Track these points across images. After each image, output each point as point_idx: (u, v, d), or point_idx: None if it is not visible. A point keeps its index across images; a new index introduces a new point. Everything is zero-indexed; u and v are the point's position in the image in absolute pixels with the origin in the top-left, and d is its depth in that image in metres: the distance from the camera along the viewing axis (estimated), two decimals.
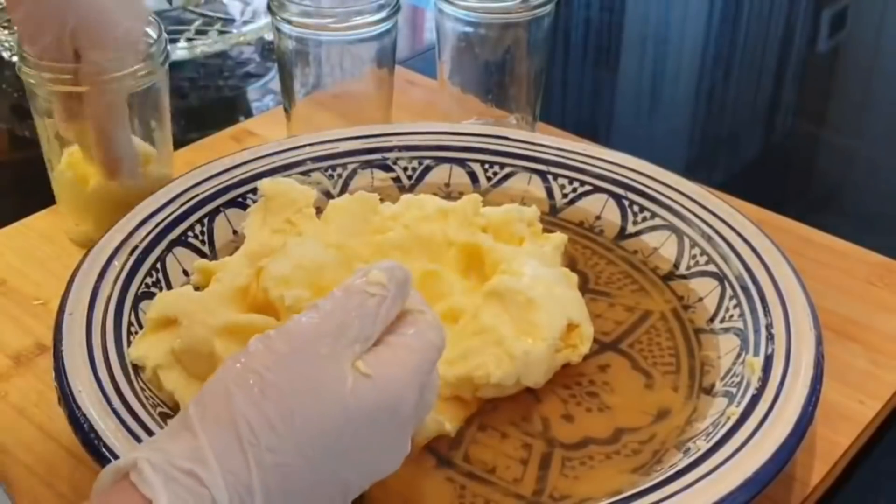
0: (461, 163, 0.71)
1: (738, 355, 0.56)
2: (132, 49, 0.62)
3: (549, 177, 0.70)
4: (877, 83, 1.04)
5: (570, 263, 0.65)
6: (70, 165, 0.67)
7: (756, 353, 0.55)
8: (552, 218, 0.69)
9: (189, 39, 0.94)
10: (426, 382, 0.43)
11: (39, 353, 0.62)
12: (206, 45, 0.91)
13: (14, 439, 0.55)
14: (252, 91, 0.91)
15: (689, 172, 0.80)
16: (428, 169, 0.71)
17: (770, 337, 0.56)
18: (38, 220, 0.73)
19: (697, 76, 1.06)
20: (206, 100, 0.69)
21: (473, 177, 0.71)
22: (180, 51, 0.91)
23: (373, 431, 0.41)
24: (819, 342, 0.55)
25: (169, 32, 0.95)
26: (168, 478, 0.38)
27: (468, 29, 0.75)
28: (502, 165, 0.71)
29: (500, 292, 0.56)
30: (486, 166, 0.71)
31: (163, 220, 0.63)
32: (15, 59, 0.64)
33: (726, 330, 0.59)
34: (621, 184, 0.69)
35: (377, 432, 0.41)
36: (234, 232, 0.65)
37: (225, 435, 0.39)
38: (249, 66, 0.94)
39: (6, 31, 0.93)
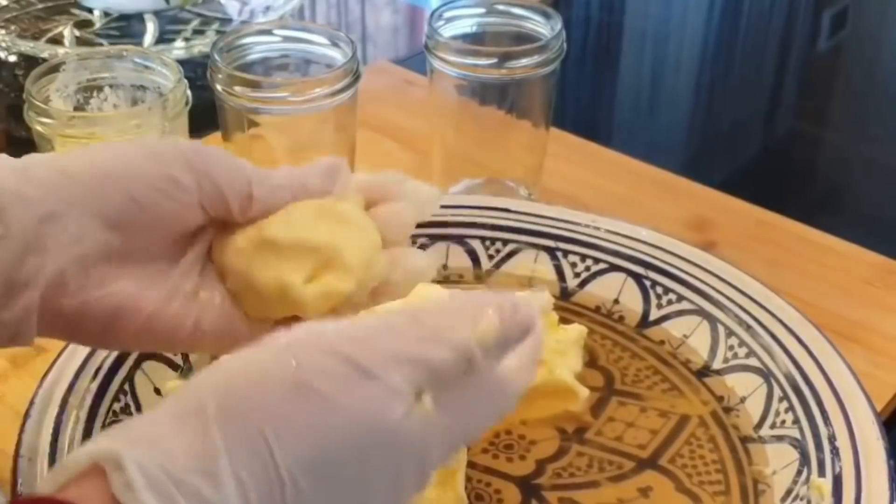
0: (459, 240, 0.65)
1: (799, 472, 0.51)
2: None
3: (559, 253, 0.64)
4: (877, 83, 1.04)
5: (592, 359, 0.59)
6: None
7: (822, 473, 0.50)
8: (564, 302, 0.62)
9: (186, 39, 0.94)
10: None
11: (37, 355, 0.61)
12: (204, 45, 0.91)
13: (11, 441, 0.55)
14: None
15: (689, 172, 0.80)
16: (422, 248, 0.64)
17: (835, 452, 0.51)
18: None
19: (697, 76, 1.05)
20: (203, 99, 0.69)
21: (473, 256, 0.65)
22: (177, 51, 0.91)
23: (402, 469, 0.35)
24: (889, 455, 0.50)
25: (166, 32, 0.96)
26: (165, 495, 0.30)
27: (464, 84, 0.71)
28: (505, 242, 0.65)
29: None
30: (488, 243, 0.65)
31: None
32: (13, 58, 0.63)
33: (779, 438, 0.54)
34: (640, 261, 0.63)
35: (405, 472, 0.35)
36: None
37: (247, 445, 0.31)
38: None
39: (4, 31, 0.93)
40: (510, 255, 0.65)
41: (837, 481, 0.49)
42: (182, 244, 0.44)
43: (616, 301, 0.63)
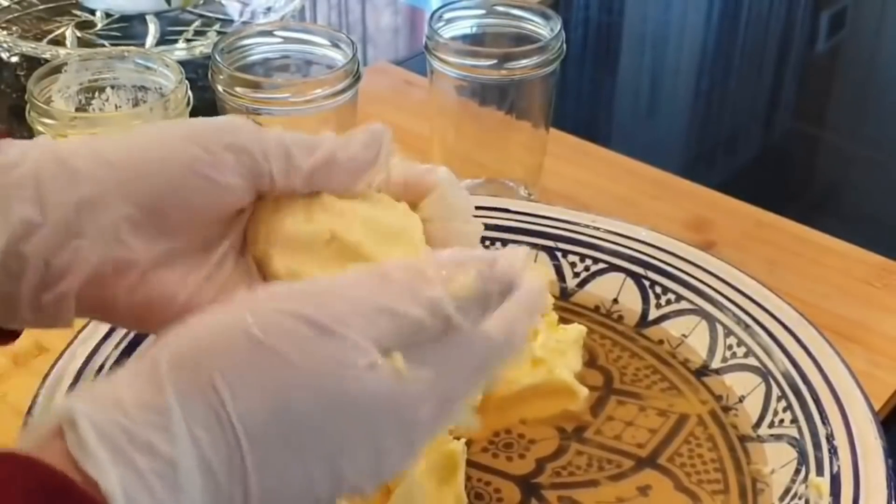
0: None
1: (797, 471, 0.51)
2: None
3: (558, 253, 0.64)
4: (876, 83, 1.04)
5: (591, 359, 0.59)
6: None
7: (820, 472, 0.50)
8: (564, 302, 0.63)
9: (188, 40, 0.94)
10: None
11: (38, 354, 0.62)
12: (205, 46, 0.91)
13: (12, 440, 0.55)
14: None
15: (689, 172, 0.80)
16: None
17: (833, 451, 0.51)
18: None
19: (697, 77, 1.06)
20: (204, 100, 0.69)
21: None
22: (179, 52, 0.91)
23: (379, 430, 0.34)
24: (887, 454, 0.50)
25: (167, 33, 0.96)
26: (117, 450, 0.30)
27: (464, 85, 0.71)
28: (504, 242, 0.65)
29: None
30: (487, 243, 0.64)
31: (130, 331, 0.55)
32: (14, 59, 0.64)
33: (777, 437, 0.54)
34: (639, 261, 0.63)
35: (383, 433, 0.34)
36: None
37: (200, 400, 0.31)
38: None
39: (6, 32, 0.93)
40: None
41: (835, 480, 0.50)
42: (217, 232, 0.43)
43: (615, 301, 0.63)
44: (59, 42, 0.93)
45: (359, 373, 0.33)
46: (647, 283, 0.63)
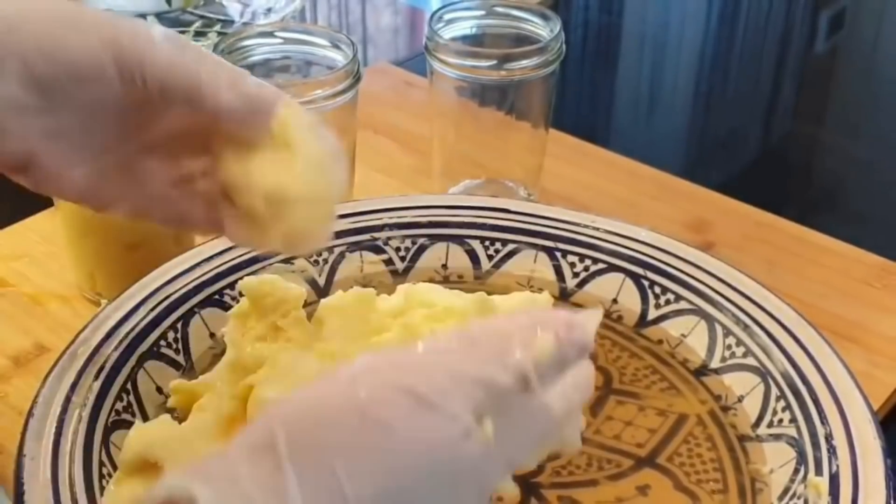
0: (459, 240, 0.65)
1: (796, 471, 0.51)
2: None
3: (558, 254, 0.64)
4: (875, 84, 1.04)
5: (591, 359, 0.60)
6: None
7: (819, 472, 0.50)
8: (563, 303, 0.63)
9: None
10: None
11: (39, 355, 0.62)
12: (206, 47, 0.91)
13: (13, 440, 0.55)
14: None
15: (689, 174, 0.80)
16: (423, 248, 0.64)
17: (832, 450, 0.50)
18: (37, 221, 0.73)
19: (696, 77, 1.06)
20: None
21: (473, 256, 0.65)
22: None
23: (462, 492, 0.35)
24: (886, 454, 0.50)
25: None
26: None
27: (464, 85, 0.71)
28: (504, 242, 0.65)
29: None
30: (487, 244, 0.65)
31: (131, 331, 0.56)
32: None
33: (776, 437, 0.54)
34: (639, 261, 0.63)
35: (465, 494, 0.36)
36: (212, 335, 0.58)
37: (318, 482, 0.32)
38: None
39: None
40: (510, 255, 0.65)
41: (834, 480, 0.50)
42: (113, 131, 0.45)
43: (615, 301, 0.63)
44: None
45: (457, 442, 0.34)
46: (646, 284, 0.63)
